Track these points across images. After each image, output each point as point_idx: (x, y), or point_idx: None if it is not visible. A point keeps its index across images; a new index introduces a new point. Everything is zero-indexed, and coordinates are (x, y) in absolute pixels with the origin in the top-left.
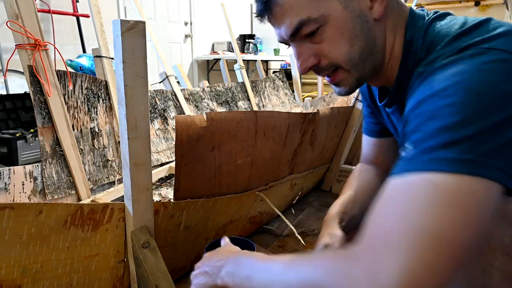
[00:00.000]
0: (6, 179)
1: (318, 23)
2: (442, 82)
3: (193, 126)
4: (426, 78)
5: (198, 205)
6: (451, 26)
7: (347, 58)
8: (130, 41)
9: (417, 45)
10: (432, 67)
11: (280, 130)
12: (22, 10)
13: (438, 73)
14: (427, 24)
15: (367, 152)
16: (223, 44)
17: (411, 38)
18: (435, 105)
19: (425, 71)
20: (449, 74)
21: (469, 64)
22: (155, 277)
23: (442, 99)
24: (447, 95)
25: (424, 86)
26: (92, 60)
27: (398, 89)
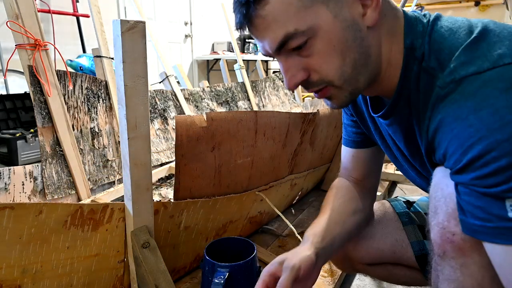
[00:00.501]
0: (6, 179)
1: (306, 36)
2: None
3: (193, 126)
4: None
5: (198, 205)
6: (456, 30)
7: (339, 73)
8: (130, 41)
9: (421, 52)
10: (449, 90)
11: (280, 130)
12: (22, 10)
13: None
14: (430, 28)
15: (347, 166)
16: (223, 44)
17: (411, 44)
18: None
19: (446, 94)
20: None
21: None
22: (155, 277)
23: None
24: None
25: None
26: (92, 60)
27: (399, 99)
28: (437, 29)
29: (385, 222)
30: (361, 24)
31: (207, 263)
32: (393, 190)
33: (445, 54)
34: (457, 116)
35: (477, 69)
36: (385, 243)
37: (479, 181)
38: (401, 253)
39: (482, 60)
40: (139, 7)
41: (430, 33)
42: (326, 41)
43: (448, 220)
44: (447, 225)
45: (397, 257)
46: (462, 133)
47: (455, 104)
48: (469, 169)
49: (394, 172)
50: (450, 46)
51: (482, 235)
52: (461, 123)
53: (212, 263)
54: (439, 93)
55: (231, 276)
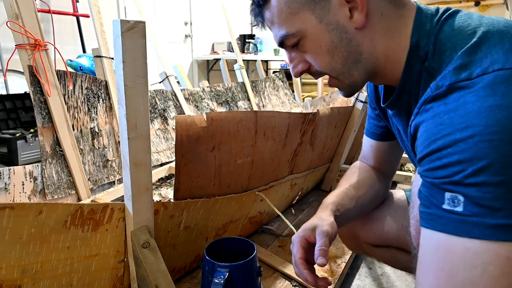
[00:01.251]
0: (6, 179)
1: (296, 37)
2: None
3: (193, 126)
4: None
5: (198, 205)
6: (462, 30)
7: (330, 68)
8: (130, 41)
9: (425, 51)
10: (438, 92)
11: (280, 130)
12: (22, 10)
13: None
14: (438, 28)
15: (366, 154)
16: (223, 44)
17: (417, 43)
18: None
19: (434, 97)
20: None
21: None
22: (155, 277)
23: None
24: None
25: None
26: (92, 60)
27: (401, 93)
28: (445, 29)
29: (394, 207)
30: (348, 26)
31: (207, 263)
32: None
33: (445, 57)
34: (436, 114)
35: (468, 76)
36: (390, 227)
37: (430, 172)
38: (405, 238)
39: (476, 66)
40: (139, 7)
41: (437, 33)
42: (314, 42)
43: None
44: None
45: (400, 241)
46: (432, 129)
47: (440, 106)
48: (425, 160)
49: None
50: (452, 48)
51: (422, 220)
52: (435, 121)
53: (212, 263)
54: (429, 94)
55: (231, 276)
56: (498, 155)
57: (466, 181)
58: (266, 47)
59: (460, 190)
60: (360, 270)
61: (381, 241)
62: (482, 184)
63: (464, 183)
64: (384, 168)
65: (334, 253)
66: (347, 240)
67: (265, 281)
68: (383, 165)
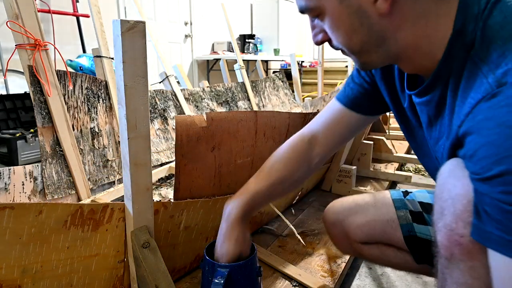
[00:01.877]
0: (6, 179)
1: (315, 11)
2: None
3: (193, 126)
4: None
5: (198, 205)
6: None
7: (346, 47)
8: (130, 41)
9: (471, 38)
10: (502, 90)
11: (280, 130)
12: (22, 10)
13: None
14: (487, 12)
15: (323, 121)
16: (223, 44)
17: (462, 28)
18: None
19: (496, 94)
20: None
21: None
22: (155, 277)
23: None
24: None
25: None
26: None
27: (436, 81)
28: (496, 13)
29: (379, 205)
30: (371, 12)
31: (207, 263)
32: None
33: (498, 46)
34: (502, 122)
35: None
36: (376, 222)
37: (505, 196)
38: (391, 233)
39: None
40: (139, 7)
41: (486, 18)
42: (332, 21)
43: (456, 222)
44: (455, 227)
45: (387, 237)
46: (501, 142)
47: (503, 108)
48: (498, 181)
49: (394, 172)
50: (507, 38)
51: (496, 244)
52: (504, 131)
53: (212, 263)
54: (488, 91)
55: (231, 276)
56: None
57: None
58: (266, 47)
59: None
60: (360, 270)
61: (369, 237)
62: None
63: None
64: (329, 140)
65: (334, 253)
66: (338, 241)
67: (265, 281)
68: (330, 136)
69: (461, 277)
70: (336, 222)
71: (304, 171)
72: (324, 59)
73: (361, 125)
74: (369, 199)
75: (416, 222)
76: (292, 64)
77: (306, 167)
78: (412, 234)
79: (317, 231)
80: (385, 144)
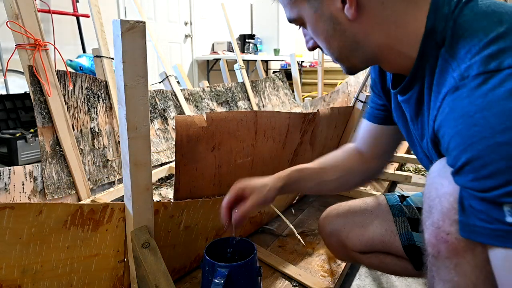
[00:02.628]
0: (6, 179)
1: (298, 22)
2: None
3: (193, 126)
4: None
5: (198, 205)
6: (487, 15)
7: (329, 53)
8: (130, 41)
9: (442, 36)
10: (464, 83)
11: (280, 130)
12: (22, 10)
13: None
14: (458, 11)
15: (360, 135)
16: (223, 44)
17: (432, 27)
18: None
19: (459, 87)
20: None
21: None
22: (155, 277)
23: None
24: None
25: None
26: (92, 60)
27: (413, 79)
28: (466, 12)
29: (377, 213)
30: (341, 18)
31: (207, 263)
32: (393, 190)
33: (466, 43)
34: (465, 112)
35: (497, 66)
36: (374, 232)
37: (477, 183)
38: (390, 242)
39: (505, 56)
40: (139, 7)
41: (456, 17)
42: (312, 29)
43: (442, 219)
44: (442, 224)
45: (386, 246)
46: (465, 131)
47: (465, 100)
48: (467, 169)
49: (394, 172)
50: (474, 34)
51: (481, 236)
52: (467, 120)
53: (212, 263)
54: (452, 85)
55: (231, 276)
56: None
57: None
58: (266, 47)
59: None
60: (360, 270)
61: (367, 247)
62: None
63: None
64: (375, 151)
65: None
66: (335, 251)
67: (265, 281)
68: (374, 148)
69: (447, 275)
70: (333, 232)
71: (354, 168)
72: (324, 59)
73: (398, 133)
74: (366, 206)
75: (415, 231)
76: (292, 64)
77: (356, 165)
78: (411, 243)
79: (317, 231)
80: None
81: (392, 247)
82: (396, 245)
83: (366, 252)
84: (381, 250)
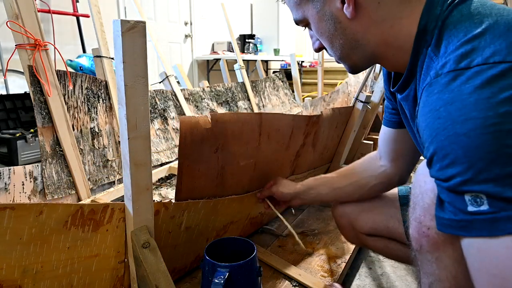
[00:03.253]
0: (6, 179)
1: (303, 22)
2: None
3: (197, 127)
4: (432, 93)
5: (199, 206)
6: (471, 17)
7: (332, 52)
8: (130, 41)
9: (431, 36)
10: (437, 80)
11: (284, 132)
12: (22, 10)
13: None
14: (447, 12)
15: (379, 143)
16: (223, 44)
17: (424, 27)
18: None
19: (432, 84)
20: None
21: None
22: (155, 277)
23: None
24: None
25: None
26: (92, 60)
27: (408, 78)
28: (454, 14)
29: (385, 200)
30: (341, 17)
31: (207, 263)
32: None
33: (447, 43)
34: (433, 107)
35: (467, 64)
36: (380, 216)
37: (441, 172)
38: (394, 228)
39: (477, 54)
40: (139, 7)
41: (445, 18)
42: (316, 29)
43: (424, 215)
44: (423, 219)
45: (390, 231)
46: (432, 124)
47: (435, 95)
48: (434, 160)
49: None
50: (455, 34)
51: (450, 228)
52: (433, 114)
53: (212, 263)
54: (427, 82)
55: (231, 276)
56: (502, 146)
57: (480, 177)
58: (266, 47)
59: (477, 189)
60: (360, 270)
61: (372, 230)
62: (497, 178)
63: (478, 180)
64: (391, 155)
65: (334, 253)
66: (346, 232)
67: (265, 281)
68: (390, 151)
69: (429, 268)
70: (344, 213)
71: (370, 174)
72: (324, 59)
73: (409, 136)
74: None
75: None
76: (292, 64)
77: (372, 170)
78: None
79: (317, 231)
80: None
81: (395, 233)
82: (400, 231)
83: (372, 235)
84: (385, 235)
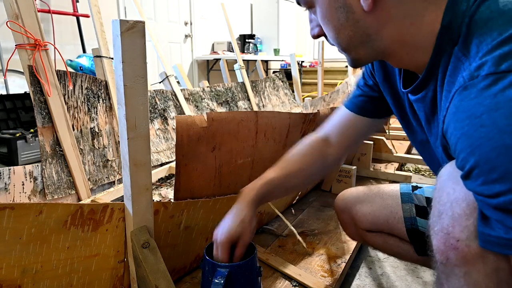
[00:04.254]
0: (6, 179)
1: (307, 4)
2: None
3: (193, 126)
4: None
5: (198, 205)
6: (503, 13)
7: (336, 42)
8: (130, 41)
9: (457, 34)
10: (473, 83)
11: (281, 130)
12: (22, 10)
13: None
14: (474, 8)
15: (333, 124)
16: (223, 44)
17: (449, 24)
18: None
19: (467, 87)
20: None
21: None
22: (155, 277)
23: None
24: None
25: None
26: (92, 60)
27: (428, 78)
28: (482, 9)
29: (386, 196)
30: (356, 7)
31: (207, 263)
32: None
33: (479, 41)
34: (472, 113)
35: (509, 67)
36: (380, 211)
37: (486, 187)
38: (394, 224)
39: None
40: (139, 7)
41: (472, 14)
42: (321, 14)
43: (453, 225)
44: (452, 230)
45: (390, 227)
46: (473, 132)
47: (473, 100)
48: (476, 173)
49: (394, 172)
50: (488, 32)
51: (498, 246)
52: (474, 121)
53: (212, 263)
54: (461, 84)
55: (231, 276)
56: None
57: None
58: (266, 47)
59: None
60: (360, 270)
61: (372, 226)
62: None
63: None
64: (342, 142)
65: (334, 253)
66: (347, 227)
67: (265, 281)
68: (342, 137)
69: (456, 283)
70: (345, 208)
71: (319, 166)
72: (324, 59)
73: (370, 127)
74: (378, 190)
75: (420, 216)
76: (292, 64)
77: (320, 163)
78: (414, 227)
79: (317, 231)
80: (385, 144)
81: (395, 229)
82: (400, 227)
83: (372, 230)
84: (385, 230)
